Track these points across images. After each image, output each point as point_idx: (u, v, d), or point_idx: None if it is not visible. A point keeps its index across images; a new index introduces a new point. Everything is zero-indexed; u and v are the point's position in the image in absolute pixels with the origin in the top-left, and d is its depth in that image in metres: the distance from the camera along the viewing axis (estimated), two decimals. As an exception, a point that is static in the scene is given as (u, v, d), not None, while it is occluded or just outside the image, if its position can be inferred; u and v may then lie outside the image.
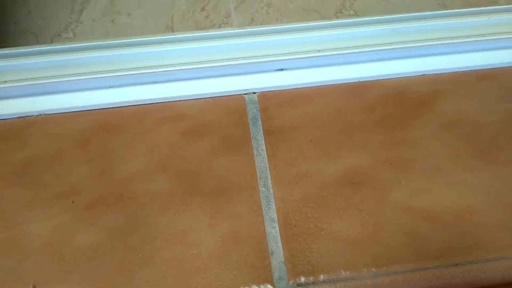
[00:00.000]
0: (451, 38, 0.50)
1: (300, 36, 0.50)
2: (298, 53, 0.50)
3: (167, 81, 0.50)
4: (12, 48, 0.50)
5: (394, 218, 0.39)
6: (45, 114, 0.49)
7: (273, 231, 0.39)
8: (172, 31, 0.67)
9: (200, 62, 0.50)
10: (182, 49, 0.49)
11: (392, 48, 0.50)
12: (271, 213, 0.41)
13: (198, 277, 0.36)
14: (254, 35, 0.50)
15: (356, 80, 0.50)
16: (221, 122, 0.48)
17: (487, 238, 0.38)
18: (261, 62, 0.50)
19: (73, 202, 0.42)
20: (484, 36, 0.50)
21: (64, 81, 0.48)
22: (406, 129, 0.46)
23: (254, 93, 0.50)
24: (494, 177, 0.42)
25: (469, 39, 0.50)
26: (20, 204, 0.42)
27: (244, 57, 0.50)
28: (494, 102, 0.48)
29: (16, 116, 0.49)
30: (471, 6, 0.61)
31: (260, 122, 0.47)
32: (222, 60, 0.50)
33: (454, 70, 0.51)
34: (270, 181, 0.43)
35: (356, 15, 0.68)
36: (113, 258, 0.38)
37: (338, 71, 0.50)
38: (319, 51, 0.49)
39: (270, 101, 0.49)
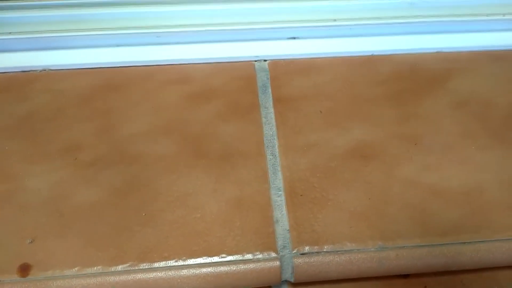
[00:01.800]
0: (470, 15, 0.49)
1: (315, 3, 0.49)
2: (312, 21, 0.48)
3: (175, 43, 0.48)
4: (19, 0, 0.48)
5: (403, 193, 0.39)
6: (49, 69, 0.48)
7: (279, 199, 0.39)
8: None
9: (210, 25, 0.48)
10: (192, 10, 0.48)
11: (408, 22, 0.49)
12: (277, 181, 0.40)
13: (200, 240, 0.36)
14: (268, 0, 0.49)
15: (369, 53, 0.49)
16: (229, 88, 0.46)
17: (496, 218, 0.37)
18: (274, 28, 0.49)
19: (75, 158, 0.41)
20: (503, 16, 0.49)
21: (70, 36, 0.47)
22: (418, 105, 0.45)
23: (265, 60, 0.49)
24: (506, 156, 0.41)
25: (488, 18, 0.49)
26: (20, 158, 0.41)
27: (256, 22, 0.49)
28: (508, 83, 0.47)
29: (19, 70, 0.47)
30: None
31: (269, 90, 0.46)
32: (233, 24, 0.49)
33: (470, 49, 0.50)
34: (277, 149, 0.42)
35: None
36: (113, 216, 0.37)
37: (351, 42, 0.49)
38: (334, 20, 0.48)
39: (281, 69, 0.48)
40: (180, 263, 0.34)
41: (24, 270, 0.34)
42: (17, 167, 0.40)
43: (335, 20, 0.48)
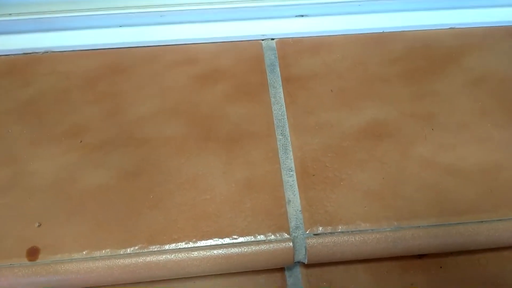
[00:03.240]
0: (484, -10, 0.48)
1: (324, -20, 0.47)
2: (320, -2, 0.47)
3: (180, 22, 0.47)
4: (18, -21, 0.47)
5: (418, 172, 0.37)
6: (51, 51, 0.46)
7: (290, 179, 0.38)
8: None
9: (216, 3, 0.47)
10: (198, -12, 0.47)
11: (420, -2, 0.47)
12: (288, 161, 0.39)
13: (210, 221, 0.35)
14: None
15: (380, 31, 0.48)
16: (237, 68, 0.45)
17: (514, 196, 0.36)
18: (281, 5, 0.47)
19: (81, 141, 0.40)
20: (519, -11, 0.47)
21: (73, 16, 0.45)
22: (432, 82, 0.44)
23: (273, 39, 0.47)
24: (524, 134, 0.40)
25: (503, -9, 0.47)
26: (25, 141, 0.40)
27: (263, 0, 0.47)
28: (524, 60, 0.46)
29: (21, 52, 0.46)
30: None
31: (278, 69, 0.45)
32: (239, 1, 0.47)
33: (484, 25, 0.48)
34: (288, 129, 0.41)
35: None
36: (121, 200, 0.36)
37: (362, 20, 0.48)
38: (344, -4, 0.46)
39: (289, 48, 0.47)
40: (191, 245, 0.34)
41: (33, 253, 0.33)
42: (22, 151, 0.39)
43: (345, -4, 0.46)
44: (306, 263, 0.34)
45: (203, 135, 0.40)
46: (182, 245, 0.34)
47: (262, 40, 0.47)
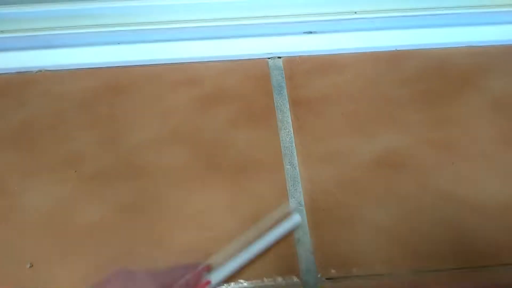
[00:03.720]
0: (504, 5, 0.45)
1: (334, -5, 0.44)
2: (330, 14, 0.44)
3: (182, 39, 0.44)
4: (10, -7, 0.44)
5: (436, 207, 0.35)
6: (46, 70, 0.44)
7: (300, 215, 0.35)
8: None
9: (220, 20, 0.44)
10: (200, 3, 0.44)
11: (435, 14, 0.45)
12: (297, 194, 0.36)
13: (215, 264, 0.32)
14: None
15: (393, 49, 0.45)
16: (242, 89, 0.43)
17: (540, 235, 0.34)
18: (288, 22, 0.44)
19: (75, 171, 0.37)
20: (541, 5, 0.45)
21: (69, 33, 0.43)
22: (448, 106, 0.41)
23: (279, 57, 0.45)
24: (549, 166, 0.37)
25: (524, 8, 0.45)
26: (17, 171, 0.37)
27: (269, 16, 0.45)
28: (546, 81, 0.43)
29: (14, 71, 0.44)
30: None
31: (285, 90, 0.43)
32: (244, 18, 0.45)
33: (504, 43, 0.45)
34: (296, 158, 0.38)
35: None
36: (119, 237, 0.34)
37: (374, 37, 0.45)
38: (355, 12, 0.44)
39: (297, 67, 0.44)
40: (194, 291, 0.31)
41: (23, 301, 0.31)
42: (13, 182, 0.37)
43: (355, 12, 0.44)
44: (318, 309, 0.32)
45: (206, 164, 0.38)
46: (185, 290, 0.31)
47: (269, 58, 0.45)
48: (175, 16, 0.44)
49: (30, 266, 0.33)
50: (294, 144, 0.39)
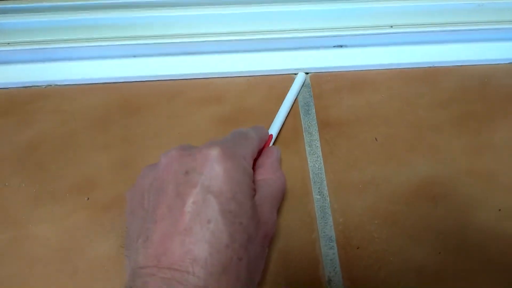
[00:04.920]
0: (551, 19, 0.41)
1: (366, 6, 0.41)
2: (362, 28, 0.41)
3: (203, 53, 0.41)
4: (18, 1, 0.41)
5: (481, 245, 0.32)
6: (55, 85, 0.41)
7: (331, 252, 0.32)
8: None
9: (243, 33, 0.41)
10: (222, 14, 0.41)
11: (476, 29, 0.41)
12: (327, 229, 0.33)
13: (240, 309, 0.29)
14: (309, 2, 0.41)
15: (431, 65, 0.42)
16: (266, 108, 0.40)
17: None
18: (316, 36, 0.41)
19: (88, 198, 0.35)
20: None
21: (81, 46, 0.40)
22: (491, 131, 0.38)
23: (307, 73, 0.42)
24: None
25: None
26: (24, 198, 0.35)
27: (296, 30, 0.41)
28: None
29: (21, 86, 0.41)
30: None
31: (313, 110, 0.39)
32: (269, 32, 0.41)
33: (550, 59, 0.42)
34: (326, 187, 0.35)
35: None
36: (135, 276, 0.31)
37: (410, 52, 0.42)
38: (391, 26, 0.40)
39: (327, 84, 0.41)
40: None
41: None
42: (20, 210, 0.34)
43: (391, 26, 0.40)
44: None
45: (228, 192, 0.35)
46: None
47: (295, 74, 0.41)
48: (195, 28, 0.40)
49: (38, 306, 0.30)
50: (323, 171, 0.36)
